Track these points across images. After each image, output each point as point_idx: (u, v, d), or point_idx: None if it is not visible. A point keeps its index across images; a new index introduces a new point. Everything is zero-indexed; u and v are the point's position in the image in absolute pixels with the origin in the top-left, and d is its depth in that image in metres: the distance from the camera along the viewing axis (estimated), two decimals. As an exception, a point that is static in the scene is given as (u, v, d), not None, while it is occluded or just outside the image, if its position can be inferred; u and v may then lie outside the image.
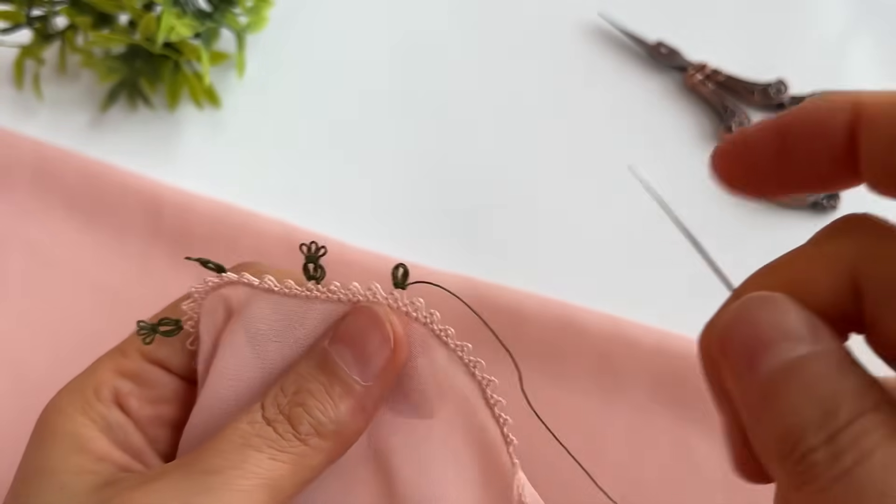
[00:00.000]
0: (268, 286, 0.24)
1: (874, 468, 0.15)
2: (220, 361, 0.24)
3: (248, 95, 0.49)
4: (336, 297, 0.24)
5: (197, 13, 0.45)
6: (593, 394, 0.37)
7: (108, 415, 0.25)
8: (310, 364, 0.23)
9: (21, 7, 0.44)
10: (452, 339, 0.25)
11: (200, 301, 0.25)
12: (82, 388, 0.25)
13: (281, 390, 0.23)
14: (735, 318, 0.19)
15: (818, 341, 0.18)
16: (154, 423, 0.26)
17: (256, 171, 0.45)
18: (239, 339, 0.24)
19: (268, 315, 0.24)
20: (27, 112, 0.47)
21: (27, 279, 0.40)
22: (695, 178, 0.46)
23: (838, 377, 0.17)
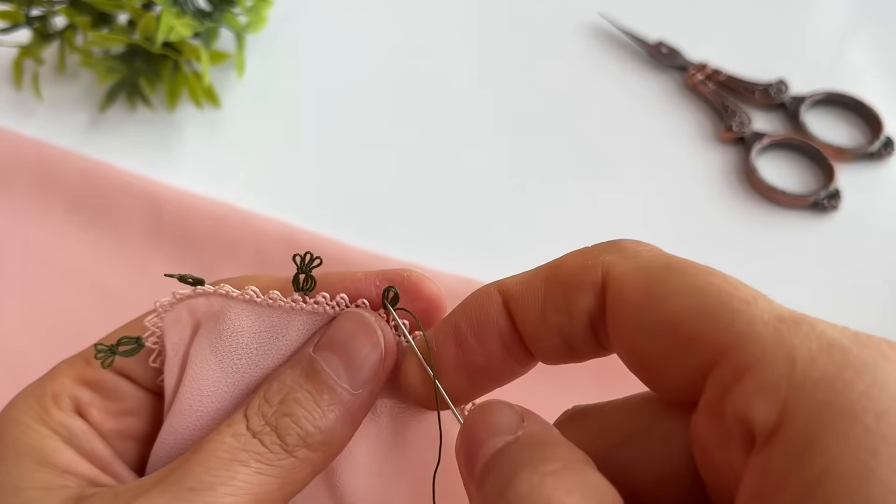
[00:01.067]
0: (249, 297, 0.23)
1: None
2: (191, 375, 0.23)
3: (248, 95, 0.49)
4: (321, 310, 0.23)
5: (196, 13, 0.45)
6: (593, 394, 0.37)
7: (69, 423, 0.23)
8: (295, 372, 0.22)
9: (20, 7, 0.44)
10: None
11: (163, 315, 0.24)
12: (39, 396, 0.23)
13: (265, 400, 0.22)
14: (461, 430, 0.20)
15: (520, 428, 0.19)
16: (118, 436, 0.24)
17: (256, 171, 0.45)
18: (208, 354, 0.23)
19: (247, 327, 0.23)
20: (26, 112, 0.47)
21: (26, 278, 0.40)
22: (695, 177, 0.45)
23: (528, 454, 0.18)
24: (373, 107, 0.48)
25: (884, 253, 0.42)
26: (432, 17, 0.53)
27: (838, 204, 0.43)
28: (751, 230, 0.43)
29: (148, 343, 0.24)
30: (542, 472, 0.17)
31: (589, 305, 0.20)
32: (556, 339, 0.21)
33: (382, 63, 0.51)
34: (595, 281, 0.19)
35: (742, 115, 0.47)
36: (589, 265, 0.20)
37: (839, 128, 0.47)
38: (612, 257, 0.19)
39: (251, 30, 0.48)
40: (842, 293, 0.41)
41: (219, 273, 0.40)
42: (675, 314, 0.18)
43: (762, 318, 0.17)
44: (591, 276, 0.19)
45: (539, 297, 0.21)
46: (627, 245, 0.20)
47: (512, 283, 0.22)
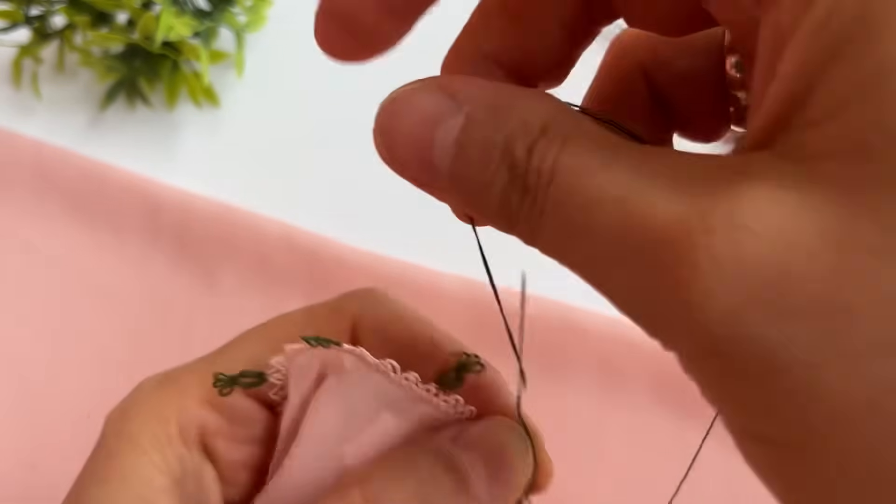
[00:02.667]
0: (384, 370, 0.21)
1: (564, 181, 0.14)
2: (306, 430, 0.21)
3: (248, 95, 0.49)
4: (447, 408, 0.21)
5: (196, 12, 0.45)
6: (594, 394, 0.37)
7: (187, 461, 0.21)
8: (432, 463, 0.19)
9: (19, 6, 0.44)
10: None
11: (293, 358, 0.22)
12: (163, 418, 0.21)
13: (394, 482, 0.19)
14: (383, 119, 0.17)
15: (474, 96, 0.16)
16: (237, 466, 0.22)
17: (256, 171, 0.45)
18: (331, 410, 0.21)
19: (369, 395, 0.21)
20: (25, 111, 0.47)
21: (25, 279, 0.40)
22: (695, 177, 0.45)
23: (506, 116, 0.15)
24: (373, 106, 0.48)
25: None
26: (434, 17, 0.53)
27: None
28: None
29: (271, 379, 0.22)
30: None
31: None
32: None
33: (382, 62, 0.51)
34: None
35: (742, 115, 0.47)
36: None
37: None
38: None
39: (251, 29, 0.48)
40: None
41: (219, 272, 0.40)
42: None
43: None
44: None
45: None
46: None
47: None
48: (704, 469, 0.35)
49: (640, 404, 0.36)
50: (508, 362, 0.38)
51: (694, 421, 0.36)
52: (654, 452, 0.35)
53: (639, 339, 0.37)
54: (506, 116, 0.15)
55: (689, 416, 0.36)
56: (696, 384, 0.15)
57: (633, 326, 0.41)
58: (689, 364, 0.14)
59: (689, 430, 0.36)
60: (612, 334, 0.37)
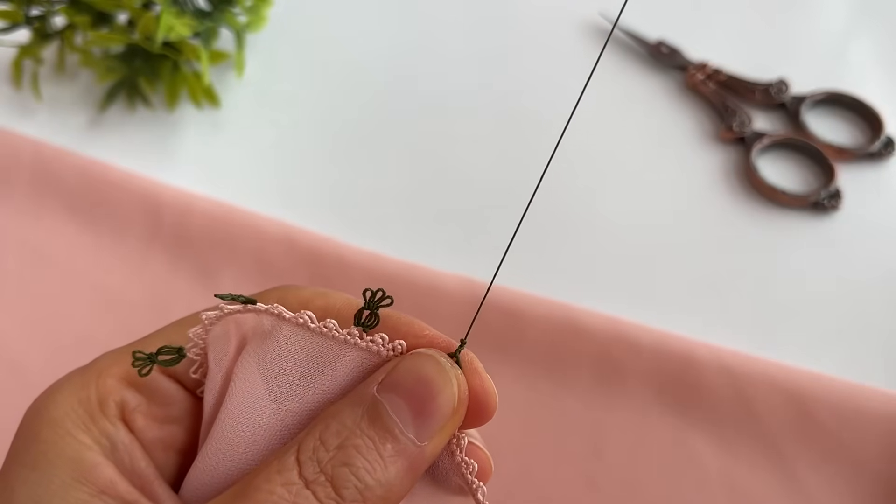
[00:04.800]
0: (303, 321, 0.21)
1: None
2: (231, 399, 0.22)
3: (248, 95, 0.49)
4: (376, 350, 0.21)
5: (196, 12, 0.45)
6: (593, 394, 0.37)
7: (113, 434, 0.21)
8: (356, 414, 0.20)
9: (20, 6, 0.44)
10: (462, 453, 0.22)
11: (209, 327, 0.22)
12: (83, 397, 0.21)
13: (321, 443, 0.20)
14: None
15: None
16: (161, 445, 0.23)
17: (256, 171, 0.45)
18: (254, 375, 0.21)
19: (295, 353, 0.21)
20: (26, 112, 0.47)
21: (25, 279, 0.40)
22: (695, 177, 0.45)
23: None
24: (372, 106, 0.48)
25: (884, 253, 0.42)
26: (432, 17, 0.53)
27: (839, 204, 0.43)
28: (751, 230, 0.43)
29: (190, 354, 0.22)
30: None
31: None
32: None
33: (382, 62, 0.51)
34: None
35: (742, 115, 0.47)
36: None
37: (840, 128, 0.47)
38: None
39: (251, 29, 0.48)
40: (842, 293, 0.41)
41: (219, 272, 0.40)
42: None
43: None
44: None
45: None
46: None
47: None
48: (705, 469, 0.35)
49: (638, 403, 0.36)
50: (509, 361, 0.38)
51: (694, 421, 0.36)
52: (653, 452, 0.35)
53: (639, 339, 0.37)
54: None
55: (689, 416, 0.36)
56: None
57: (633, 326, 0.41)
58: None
59: (689, 430, 0.35)
60: (612, 334, 0.37)
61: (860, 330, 0.39)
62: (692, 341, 0.37)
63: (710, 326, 0.39)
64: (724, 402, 0.36)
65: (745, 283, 0.41)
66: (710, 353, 0.36)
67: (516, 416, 0.36)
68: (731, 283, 0.41)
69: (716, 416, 0.35)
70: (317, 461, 0.19)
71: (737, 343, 0.38)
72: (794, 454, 0.35)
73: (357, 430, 0.20)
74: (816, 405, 0.35)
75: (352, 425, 0.20)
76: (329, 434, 0.20)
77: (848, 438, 0.34)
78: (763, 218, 0.44)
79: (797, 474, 0.34)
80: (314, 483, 0.19)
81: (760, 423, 0.35)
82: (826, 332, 0.39)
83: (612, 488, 0.35)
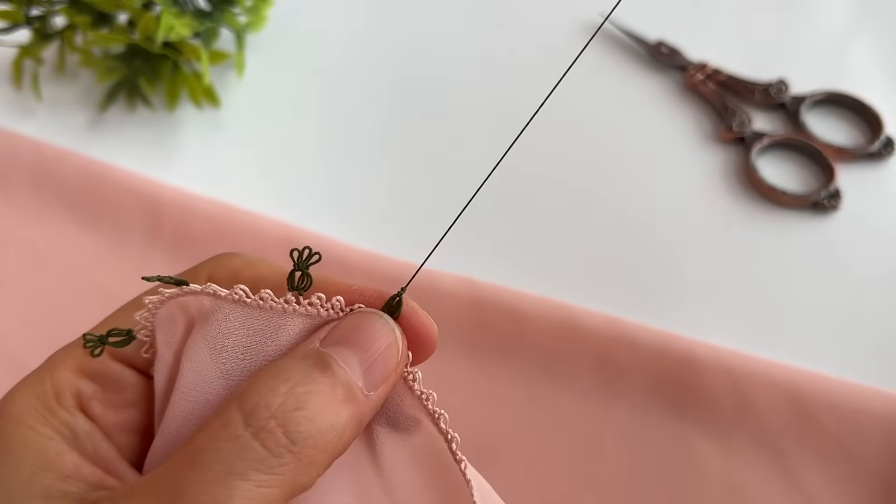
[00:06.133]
0: (238, 297, 0.21)
1: None
2: (182, 379, 0.22)
3: (248, 95, 0.49)
4: (315, 312, 0.22)
5: (196, 12, 0.45)
6: (593, 393, 0.37)
7: (72, 423, 0.22)
8: (303, 366, 0.20)
9: (20, 6, 0.44)
10: (419, 385, 0.22)
11: (155, 311, 0.23)
12: (40, 392, 0.22)
13: (270, 391, 0.20)
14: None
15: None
16: (120, 429, 0.23)
17: (256, 171, 0.45)
18: (202, 354, 0.22)
19: (235, 328, 0.22)
20: (26, 112, 0.47)
21: (26, 279, 0.40)
22: (695, 177, 0.45)
23: None
24: (372, 107, 0.48)
25: (884, 253, 0.42)
26: (431, 18, 0.53)
27: (838, 204, 0.43)
28: (751, 230, 0.43)
29: (139, 336, 0.23)
30: None
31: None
32: None
33: (382, 63, 0.51)
34: None
35: (742, 115, 0.47)
36: None
37: (839, 128, 0.47)
38: None
39: (251, 30, 0.48)
40: (842, 293, 0.41)
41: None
42: None
43: None
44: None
45: None
46: None
47: None
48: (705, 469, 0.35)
49: (638, 403, 0.36)
50: (509, 361, 0.38)
51: (694, 421, 0.36)
52: (653, 452, 0.35)
53: (639, 339, 0.37)
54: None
55: (689, 416, 0.36)
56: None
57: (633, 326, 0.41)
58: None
59: (689, 430, 0.35)
60: (613, 334, 0.37)
61: (860, 330, 0.39)
62: (692, 341, 0.37)
63: (710, 326, 0.39)
64: (724, 402, 0.36)
65: (745, 283, 0.41)
66: (710, 353, 0.36)
67: (516, 415, 0.36)
68: (731, 283, 0.41)
69: (716, 416, 0.36)
70: (265, 407, 0.19)
71: (737, 343, 0.38)
72: (794, 454, 0.35)
73: (308, 378, 0.20)
74: (816, 405, 0.35)
75: (299, 376, 0.20)
76: (277, 382, 0.20)
77: (848, 438, 0.34)
78: (763, 218, 0.44)
79: (797, 474, 0.34)
80: (263, 430, 0.19)
81: (760, 423, 0.35)
82: (826, 332, 0.39)
83: (612, 488, 0.35)
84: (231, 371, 0.22)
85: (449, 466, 0.22)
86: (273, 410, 0.19)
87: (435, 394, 0.22)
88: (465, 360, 0.38)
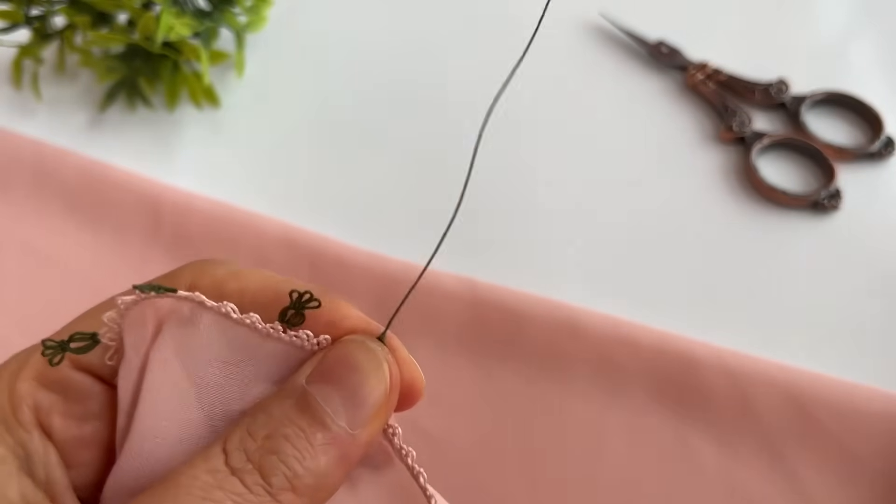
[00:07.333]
0: (224, 312, 0.20)
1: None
2: (151, 393, 0.21)
3: (248, 95, 0.49)
4: (300, 344, 0.21)
5: (196, 12, 0.45)
6: (593, 394, 0.37)
7: (29, 444, 0.21)
8: (285, 404, 0.20)
9: (20, 6, 0.44)
10: (399, 440, 0.21)
11: (125, 312, 0.21)
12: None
13: (248, 434, 0.19)
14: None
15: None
16: (80, 444, 0.22)
17: (256, 171, 0.45)
18: (174, 365, 0.21)
19: (216, 341, 0.20)
20: (26, 112, 0.47)
21: (25, 279, 0.40)
22: (695, 177, 0.45)
23: None
24: (373, 106, 0.48)
25: (884, 253, 0.42)
26: (431, 17, 0.53)
27: (839, 204, 0.43)
28: (751, 230, 0.43)
29: (104, 340, 0.21)
30: None
31: None
32: None
33: (382, 62, 0.51)
34: None
35: (742, 115, 0.47)
36: None
37: (839, 128, 0.47)
38: None
39: (251, 29, 0.48)
40: (842, 293, 0.41)
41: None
42: None
43: None
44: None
45: None
46: None
47: None
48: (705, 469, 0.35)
49: (640, 404, 0.36)
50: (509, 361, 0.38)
51: (694, 421, 0.36)
52: (653, 452, 0.35)
53: (639, 339, 0.37)
54: None
55: (689, 417, 0.36)
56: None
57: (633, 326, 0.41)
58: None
59: (689, 430, 0.35)
60: (612, 334, 0.37)
61: (860, 330, 0.39)
62: (692, 341, 0.37)
63: (710, 326, 0.39)
64: (724, 402, 0.36)
65: (745, 282, 0.41)
66: (710, 353, 0.36)
67: (516, 415, 0.36)
68: (731, 282, 0.41)
69: (716, 416, 0.35)
70: (244, 451, 0.19)
71: (737, 343, 0.38)
72: (794, 454, 0.35)
73: (285, 420, 0.19)
74: (816, 405, 0.35)
75: (280, 415, 0.19)
76: (257, 426, 0.19)
77: (848, 438, 0.34)
78: (763, 218, 0.44)
79: (797, 474, 0.34)
80: (241, 471, 0.19)
81: (760, 423, 0.35)
82: (826, 332, 0.39)
83: (612, 488, 0.35)
84: (206, 386, 0.21)
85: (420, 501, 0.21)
86: (251, 454, 0.19)
87: (414, 452, 0.21)
88: (465, 360, 0.38)
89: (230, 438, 0.19)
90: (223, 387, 0.21)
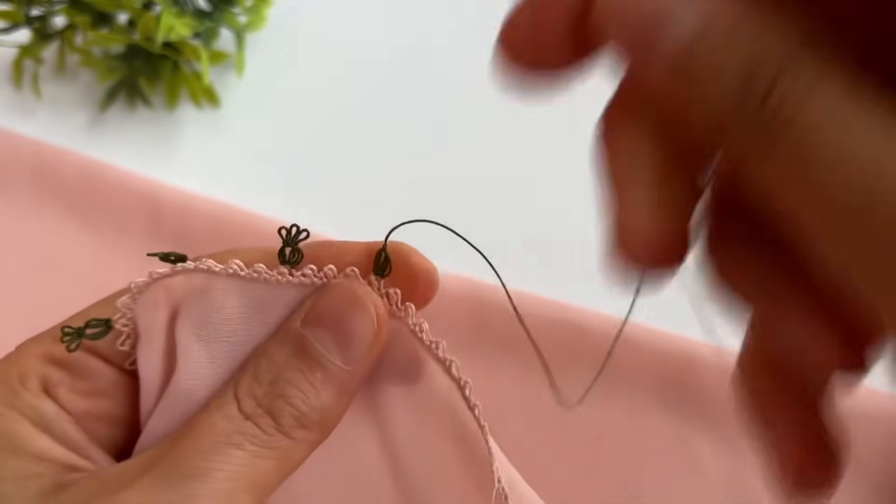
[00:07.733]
0: (233, 271, 0.22)
1: (804, 130, 0.13)
2: (182, 358, 0.22)
3: (248, 95, 0.49)
4: (309, 282, 0.22)
5: (196, 12, 0.45)
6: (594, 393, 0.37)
7: (39, 406, 0.22)
8: (284, 350, 0.21)
9: (20, 6, 0.44)
10: (427, 335, 0.23)
11: (137, 296, 0.22)
12: (4, 377, 0.22)
13: (255, 380, 0.21)
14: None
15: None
16: (89, 418, 0.23)
17: (256, 171, 0.45)
18: (195, 334, 0.22)
19: (233, 302, 0.22)
20: (26, 112, 0.47)
21: (25, 279, 0.40)
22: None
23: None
24: (373, 106, 0.48)
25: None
26: (432, 18, 0.53)
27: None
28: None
29: (117, 325, 0.22)
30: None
31: None
32: None
33: (382, 62, 0.51)
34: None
35: (742, 115, 0.47)
36: None
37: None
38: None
39: (251, 29, 0.48)
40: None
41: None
42: None
43: None
44: None
45: None
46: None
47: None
48: (705, 469, 0.35)
49: (638, 403, 0.36)
50: (509, 361, 0.38)
51: (694, 421, 0.36)
52: (654, 452, 0.35)
53: (639, 339, 0.37)
54: (749, 39, 0.13)
55: (689, 416, 0.36)
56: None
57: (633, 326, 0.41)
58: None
59: (689, 430, 0.35)
60: (613, 334, 0.37)
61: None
62: (692, 341, 0.37)
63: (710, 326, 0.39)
64: (724, 402, 0.36)
65: (745, 283, 0.41)
66: (710, 353, 0.36)
67: (516, 415, 0.36)
68: (731, 283, 0.41)
69: (716, 416, 0.36)
70: (253, 396, 0.21)
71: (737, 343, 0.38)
72: (793, 454, 0.35)
73: (286, 365, 0.21)
74: (816, 405, 0.35)
75: (280, 360, 0.21)
76: (261, 371, 0.21)
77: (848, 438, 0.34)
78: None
79: (797, 474, 0.34)
80: (253, 416, 0.20)
81: (760, 423, 0.35)
82: (826, 332, 0.39)
83: (612, 488, 0.35)
84: (231, 346, 0.22)
85: (461, 413, 0.23)
86: (259, 399, 0.21)
87: (445, 343, 0.23)
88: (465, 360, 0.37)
89: (240, 385, 0.21)
90: (243, 344, 0.22)
